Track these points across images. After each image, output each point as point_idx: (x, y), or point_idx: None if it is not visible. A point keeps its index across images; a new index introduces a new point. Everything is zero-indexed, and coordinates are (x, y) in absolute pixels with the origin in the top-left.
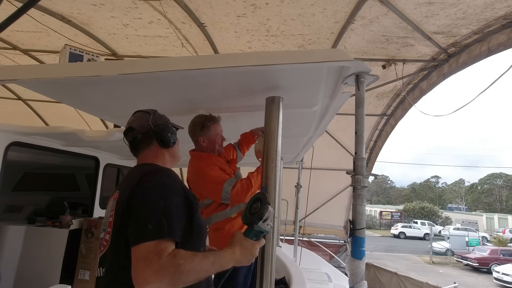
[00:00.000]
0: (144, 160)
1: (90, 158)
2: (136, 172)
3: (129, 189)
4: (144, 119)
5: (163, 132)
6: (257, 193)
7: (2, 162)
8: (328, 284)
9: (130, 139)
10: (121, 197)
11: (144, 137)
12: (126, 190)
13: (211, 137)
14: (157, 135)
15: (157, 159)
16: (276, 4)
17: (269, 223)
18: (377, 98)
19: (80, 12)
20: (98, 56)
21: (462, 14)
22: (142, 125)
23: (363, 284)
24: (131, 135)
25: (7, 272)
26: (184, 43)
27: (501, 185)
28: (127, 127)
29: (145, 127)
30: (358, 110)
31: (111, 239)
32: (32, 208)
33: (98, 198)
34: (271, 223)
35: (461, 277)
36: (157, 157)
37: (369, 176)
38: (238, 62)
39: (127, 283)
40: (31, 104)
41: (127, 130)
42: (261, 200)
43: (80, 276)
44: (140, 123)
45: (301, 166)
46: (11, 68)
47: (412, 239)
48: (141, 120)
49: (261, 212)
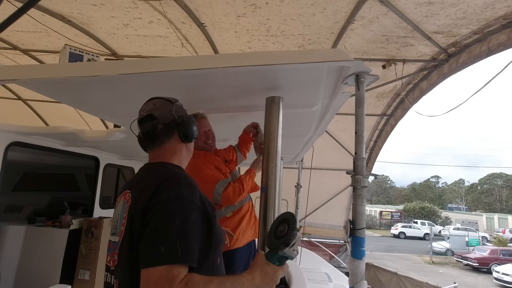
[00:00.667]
0: (161, 157)
1: (90, 158)
2: (153, 174)
3: (144, 198)
4: (167, 109)
5: (187, 124)
6: (284, 213)
7: (2, 162)
8: (328, 284)
9: (149, 129)
10: (135, 206)
11: (165, 128)
12: (141, 199)
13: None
14: (180, 128)
15: (175, 155)
16: (276, 4)
17: (296, 248)
18: (377, 98)
19: (80, 12)
20: (98, 56)
21: (462, 14)
22: (165, 115)
23: (363, 284)
24: (151, 125)
25: (7, 272)
26: (184, 43)
27: (501, 185)
28: (145, 114)
29: (168, 118)
30: (358, 110)
31: (123, 251)
32: (32, 208)
33: (98, 198)
34: (297, 248)
35: (461, 277)
36: (175, 153)
37: (369, 176)
38: (238, 62)
39: None
40: (31, 104)
41: (146, 118)
42: (289, 223)
43: (80, 276)
44: (162, 112)
45: (301, 166)
46: (11, 68)
47: (412, 239)
48: (163, 110)
49: (288, 238)
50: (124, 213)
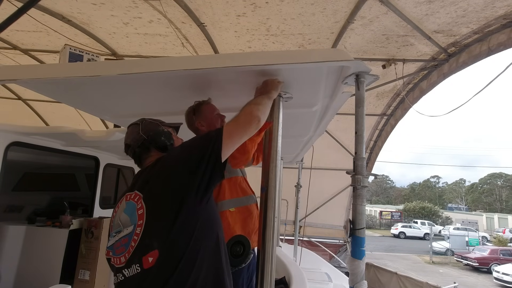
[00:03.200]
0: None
1: (90, 158)
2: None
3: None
4: (135, 132)
5: (156, 138)
6: (238, 235)
7: (2, 162)
8: (328, 284)
9: (132, 155)
10: (152, 190)
11: (142, 149)
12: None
13: (207, 117)
14: (152, 143)
15: None
16: (276, 3)
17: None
18: (377, 98)
19: (80, 11)
20: (98, 56)
21: (462, 12)
22: (136, 139)
23: (363, 284)
24: (130, 152)
25: (7, 272)
26: (184, 43)
27: (501, 185)
28: (124, 144)
29: (139, 140)
30: (358, 110)
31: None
32: (32, 208)
33: (98, 198)
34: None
35: (461, 277)
36: None
37: (369, 176)
38: (238, 62)
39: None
40: (31, 104)
41: (125, 148)
42: (244, 247)
43: (80, 276)
44: (133, 137)
45: (301, 166)
46: (11, 68)
47: (412, 239)
48: (133, 135)
49: (245, 259)
50: (137, 207)
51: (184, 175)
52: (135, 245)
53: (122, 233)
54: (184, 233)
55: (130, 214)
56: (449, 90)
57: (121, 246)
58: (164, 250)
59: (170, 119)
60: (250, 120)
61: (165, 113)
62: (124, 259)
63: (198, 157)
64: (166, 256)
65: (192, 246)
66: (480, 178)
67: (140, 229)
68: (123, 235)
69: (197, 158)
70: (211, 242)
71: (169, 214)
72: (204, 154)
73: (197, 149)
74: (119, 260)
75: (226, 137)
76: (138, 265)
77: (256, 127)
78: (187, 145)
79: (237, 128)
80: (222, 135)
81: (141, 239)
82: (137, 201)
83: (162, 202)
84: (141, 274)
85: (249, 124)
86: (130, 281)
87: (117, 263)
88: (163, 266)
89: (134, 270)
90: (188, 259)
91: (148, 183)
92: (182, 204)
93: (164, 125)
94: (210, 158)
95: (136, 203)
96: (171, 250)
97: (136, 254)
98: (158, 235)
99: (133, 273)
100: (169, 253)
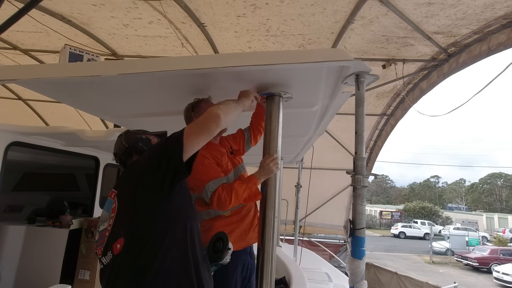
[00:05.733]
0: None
1: (90, 158)
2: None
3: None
4: (119, 142)
5: (135, 144)
6: (219, 233)
7: (2, 162)
8: (328, 284)
9: (118, 162)
10: (125, 184)
11: (125, 156)
12: (130, 176)
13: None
14: (132, 149)
15: None
16: (276, 4)
17: (228, 259)
18: (377, 98)
19: (80, 12)
20: (98, 56)
21: (462, 14)
22: (120, 148)
23: (363, 283)
24: (117, 159)
25: (7, 272)
26: (184, 43)
27: (501, 185)
28: (113, 154)
29: (122, 148)
30: (358, 110)
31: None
32: (32, 208)
33: (98, 198)
34: (229, 258)
35: (461, 277)
36: None
37: (369, 176)
38: (238, 62)
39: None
40: (31, 104)
41: (114, 157)
42: (223, 242)
43: (80, 276)
44: (118, 146)
45: (301, 166)
46: (11, 68)
47: (412, 238)
48: (118, 144)
49: (223, 255)
50: (113, 203)
51: (149, 172)
52: (108, 235)
53: (102, 227)
54: (145, 224)
55: (107, 209)
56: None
57: (101, 239)
58: (128, 237)
59: (170, 119)
60: (208, 117)
61: (165, 113)
62: (102, 249)
63: (161, 156)
64: (130, 244)
65: (156, 236)
66: (480, 178)
67: (111, 220)
68: (103, 228)
69: (160, 156)
70: (177, 233)
71: (132, 206)
72: (167, 153)
73: (161, 149)
74: (100, 251)
75: (186, 136)
76: (111, 252)
77: (216, 124)
78: (155, 146)
79: (196, 125)
80: (183, 134)
81: (112, 229)
82: (113, 197)
83: (128, 196)
84: (113, 260)
85: (207, 120)
86: (106, 267)
87: (99, 254)
88: (129, 252)
89: (108, 258)
90: (152, 248)
91: (121, 181)
92: (144, 198)
93: (147, 133)
94: (172, 157)
95: (113, 200)
96: (135, 238)
97: (109, 242)
98: (123, 225)
99: (108, 260)
100: (132, 240)
